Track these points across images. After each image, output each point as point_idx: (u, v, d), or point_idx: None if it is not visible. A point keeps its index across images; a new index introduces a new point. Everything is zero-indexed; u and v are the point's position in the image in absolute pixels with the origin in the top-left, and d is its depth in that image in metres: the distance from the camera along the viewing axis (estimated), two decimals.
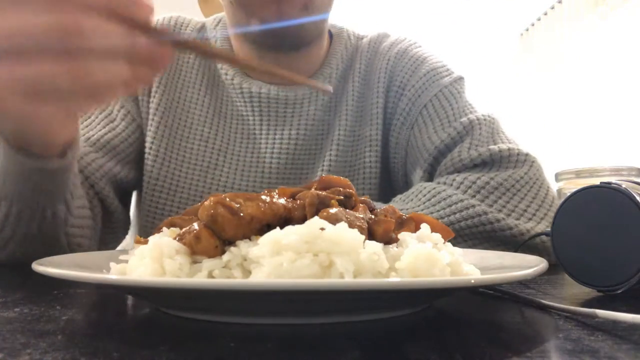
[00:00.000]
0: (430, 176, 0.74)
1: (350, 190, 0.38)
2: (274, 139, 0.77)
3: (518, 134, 0.76)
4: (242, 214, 0.33)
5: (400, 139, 0.78)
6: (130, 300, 0.40)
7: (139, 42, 0.36)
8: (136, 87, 0.39)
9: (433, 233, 0.37)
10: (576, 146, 2.82)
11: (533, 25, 3.38)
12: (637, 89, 2.55)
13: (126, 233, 0.80)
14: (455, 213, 0.62)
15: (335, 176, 0.41)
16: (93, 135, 0.74)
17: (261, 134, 0.78)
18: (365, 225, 0.34)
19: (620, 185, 0.39)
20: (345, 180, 0.40)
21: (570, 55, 3.02)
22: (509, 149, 0.67)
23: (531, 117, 3.08)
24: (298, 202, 0.36)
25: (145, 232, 0.75)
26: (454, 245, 0.39)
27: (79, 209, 0.62)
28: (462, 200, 0.63)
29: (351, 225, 0.33)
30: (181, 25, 0.84)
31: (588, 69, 2.89)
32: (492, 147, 0.68)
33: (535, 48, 3.33)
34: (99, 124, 0.75)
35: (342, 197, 0.37)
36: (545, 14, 3.27)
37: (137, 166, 0.79)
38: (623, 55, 2.66)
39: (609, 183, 0.40)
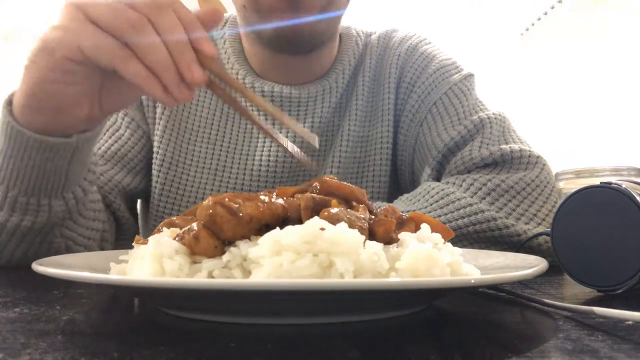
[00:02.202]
0: (438, 174, 0.73)
1: (352, 202, 0.38)
2: (286, 136, 0.75)
3: (519, 133, 0.76)
4: (241, 214, 0.33)
5: (409, 137, 0.78)
6: (130, 300, 0.40)
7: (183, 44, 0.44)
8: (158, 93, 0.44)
9: (433, 233, 0.37)
10: (576, 146, 2.82)
11: (533, 25, 3.38)
12: (637, 89, 2.55)
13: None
14: (463, 217, 0.62)
15: (342, 184, 0.39)
16: (100, 147, 0.73)
17: None
18: (366, 226, 0.34)
19: (620, 185, 0.39)
20: (356, 191, 0.39)
21: (571, 55, 3.02)
22: (520, 150, 0.67)
23: (531, 117, 3.08)
24: (294, 200, 0.36)
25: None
26: (459, 247, 0.39)
27: (87, 220, 0.61)
28: (470, 205, 0.62)
29: (352, 225, 0.33)
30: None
31: (588, 68, 2.89)
32: (503, 146, 0.67)
33: (535, 48, 3.33)
34: (104, 134, 0.75)
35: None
36: (546, 14, 3.27)
37: (146, 175, 0.78)
38: (623, 55, 2.66)
39: (609, 183, 0.40)
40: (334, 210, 0.34)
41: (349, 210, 0.35)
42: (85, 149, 0.55)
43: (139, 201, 0.83)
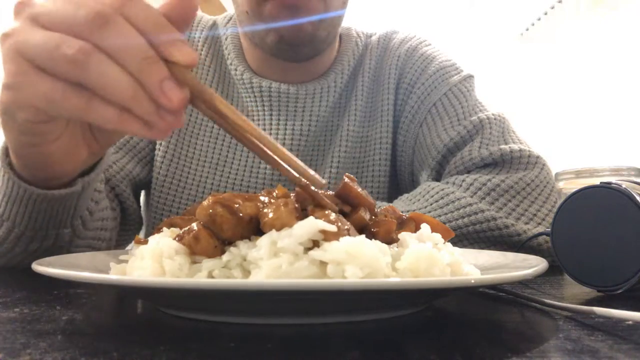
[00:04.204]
0: (438, 175, 0.73)
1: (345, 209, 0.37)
2: (284, 134, 0.76)
3: (518, 134, 0.76)
4: (241, 214, 0.33)
5: (408, 137, 0.78)
6: (130, 300, 0.40)
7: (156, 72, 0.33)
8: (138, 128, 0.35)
9: (433, 233, 0.37)
10: (576, 146, 2.82)
11: (533, 25, 3.38)
12: (637, 89, 2.55)
13: (139, 232, 0.80)
14: (463, 217, 0.62)
15: (362, 196, 0.37)
16: None
17: (270, 130, 0.77)
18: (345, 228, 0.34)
19: (620, 185, 0.39)
20: (372, 206, 0.37)
21: (570, 55, 3.02)
22: (520, 150, 0.67)
23: (531, 117, 3.08)
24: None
25: (153, 230, 0.75)
26: (459, 247, 0.39)
27: (94, 232, 0.60)
28: (470, 205, 0.62)
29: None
30: (192, 22, 0.84)
31: (588, 68, 2.89)
32: (503, 146, 0.68)
33: (535, 48, 3.33)
34: None
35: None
36: (546, 14, 3.27)
37: (152, 164, 0.78)
38: (623, 55, 2.66)
39: (609, 183, 0.40)
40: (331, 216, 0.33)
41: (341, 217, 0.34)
42: (92, 185, 0.53)
43: (142, 192, 0.83)
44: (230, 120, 0.35)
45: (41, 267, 0.32)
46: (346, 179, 0.37)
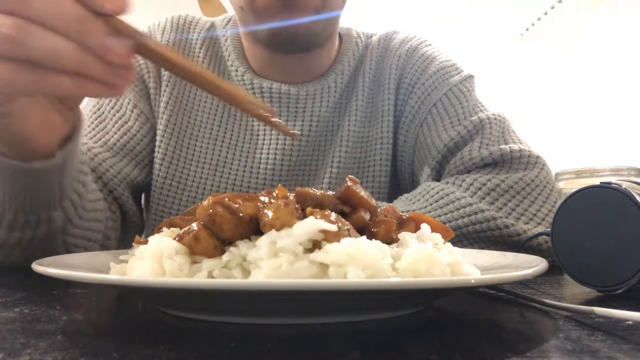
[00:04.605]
0: (438, 175, 0.73)
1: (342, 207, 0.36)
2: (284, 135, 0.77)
3: (518, 134, 0.76)
4: (241, 214, 0.33)
5: (409, 137, 0.78)
6: (130, 300, 0.40)
7: (92, 33, 0.34)
8: (98, 89, 0.36)
9: (433, 233, 0.37)
10: (576, 146, 2.82)
11: (533, 25, 3.38)
12: (637, 89, 2.55)
13: (141, 234, 0.80)
14: (463, 217, 0.62)
15: (364, 199, 0.37)
16: (109, 139, 0.73)
17: (271, 131, 0.77)
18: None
19: (620, 185, 0.39)
20: (374, 210, 0.37)
21: (570, 55, 3.02)
22: (520, 150, 0.67)
23: (531, 117, 3.08)
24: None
25: (153, 232, 0.74)
26: (459, 247, 0.39)
27: (87, 222, 0.60)
28: (470, 204, 0.62)
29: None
30: (190, 24, 0.84)
31: (588, 68, 2.89)
32: (503, 146, 0.68)
33: (535, 48, 3.33)
34: (113, 126, 0.75)
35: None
36: (546, 14, 3.27)
37: (152, 167, 0.78)
38: (623, 55, 2.66)
39: (609, 183, 0.40)
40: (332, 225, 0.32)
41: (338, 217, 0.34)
42: (73, 159, 0.53)
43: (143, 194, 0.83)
44: (174, 61, 0.37)
45: (41, 267, 0.32)
46: (349, 182, 0.37)
